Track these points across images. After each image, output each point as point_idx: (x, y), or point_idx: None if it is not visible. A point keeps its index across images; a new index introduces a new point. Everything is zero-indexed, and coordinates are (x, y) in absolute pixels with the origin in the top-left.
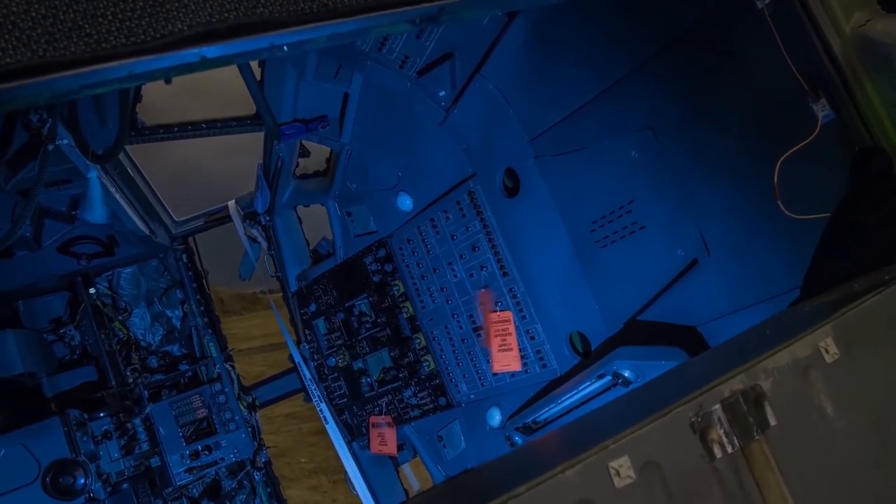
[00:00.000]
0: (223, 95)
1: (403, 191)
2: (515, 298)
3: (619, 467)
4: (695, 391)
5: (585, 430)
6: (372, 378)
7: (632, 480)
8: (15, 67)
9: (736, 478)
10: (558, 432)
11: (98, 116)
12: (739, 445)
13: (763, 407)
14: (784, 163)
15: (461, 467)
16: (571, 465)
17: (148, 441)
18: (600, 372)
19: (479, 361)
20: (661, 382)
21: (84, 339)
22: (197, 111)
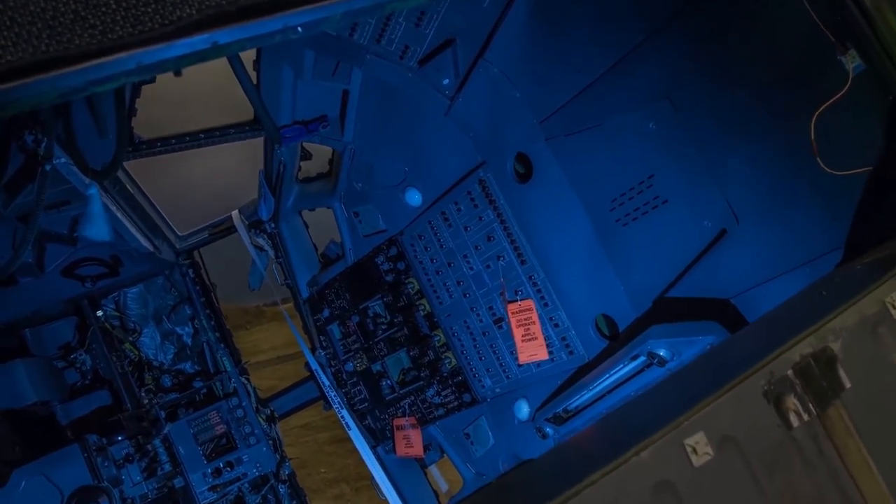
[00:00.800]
0: (219, 104)
1: (411, 186)
2: (536, 286)
3: (695, 444)
4: (763, 359)
5: (649, 410)
6: (392, 380)
7: (710, 457)
8: (17, 65)
9: (815, 446)
10: (617, 414)
11: (97, 126)
12: (816, 412)
13: (836, 369)
14: (818, 119)
15: (492, 464)
16: (645, 447)
17: (169, 462)
18: (633, 353)
19: (502, 354)
20: (720, 354)
21: (95, 363)
22: (193, 124)
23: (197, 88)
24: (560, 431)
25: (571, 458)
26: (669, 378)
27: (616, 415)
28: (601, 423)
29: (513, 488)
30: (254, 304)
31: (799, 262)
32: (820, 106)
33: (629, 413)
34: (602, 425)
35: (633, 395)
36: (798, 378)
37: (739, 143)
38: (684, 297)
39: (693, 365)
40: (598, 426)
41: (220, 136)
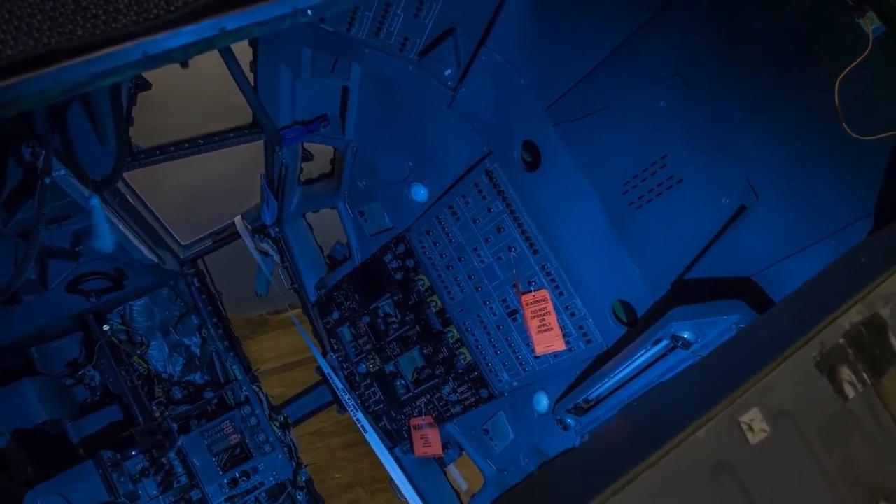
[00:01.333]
0: (217, 110)
1: (416, 181)
2: (549, 276)
3: (750, 422)
4: (813, 328)
5: (695, 390)
6: (406, 379)
7: (767, 434)
8: (18, 59)
9: (872, 417)
10: (658, 396)
11: (97, 133)
12: (870, 381)
13: (887, 336)
14: (841, 84)
15: (513, 459)
16: (700, 426)
17: (185, 474)
18: (656, 337)
19: (518, 347)
20: (763, 328)
21: (104, 379)
22: (191, 131)
23: (193, 95)
24: (582, 422)
25: (620, 442)
26: (712, 356)
27: (657, 397)
28: (641, 407)
29: (566, 475)
30: (257, 314)
31: (823, 234)
32: (839, 73)
33: (673, 394)
34: (643, 408)
35: (656, 380)
36: (850, 347)
37: (755, 115)
38: (704, 277)
39: (736, 341)
40: (639, 409)
41: (220, 141)
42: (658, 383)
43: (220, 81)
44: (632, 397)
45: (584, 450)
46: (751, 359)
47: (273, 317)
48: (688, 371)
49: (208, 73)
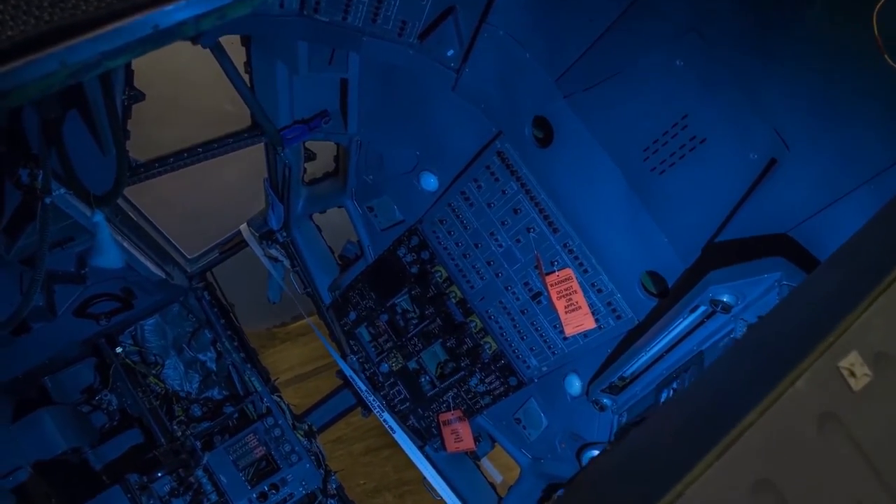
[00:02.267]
0: (212, 118)
1: (425, 170)
2: (572, 253)
3: (850, 367)
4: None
5: (778, 339)
6: (431, 375)
7: (870, 379)
8: (19, 39)
9: None
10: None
11: (98, 143)
12: None
13: None
14: (879, 12)
15: (548, 446)
16: (798, 375)
17: (214, 491)
18: (693, 304)
19: (544, 330)
20: (842, 264)
21: (122, 402)
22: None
23: (187, 103)
24: (618, 401)
25: (708, 405)
26: (789, 302)
27: (733, 358)
28: (721, 367)
29: (658, 442)
30: (264, 328)
31: (861, 179)
32: (873, 2)
33: (751, 347)
34: (723, 369)
35: (695, 349)
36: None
37: (780, 63)
38: (737, 238)
39: (815, 281)
40: (719, 370)
41: (219, 147)
42: (697, 352)
43: (212, 90)
44: (670, 370)
45: (668, 415)
46: (839, 301)
47: (280, 329)
48: (760, 324)
49: (200, 82)
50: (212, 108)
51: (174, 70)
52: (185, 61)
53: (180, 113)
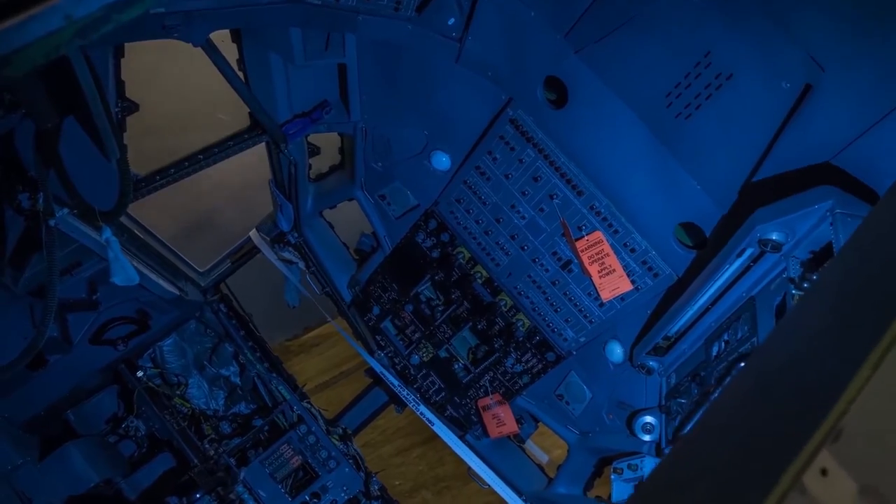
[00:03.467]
0: (207, 124)
1: (436, 149)
2: (600, 215)
3: None
4: None
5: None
6: (464, 361)
7: None
8: None
9: None
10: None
11: (101, 148)
12: None
13: None
14: None
15: (595, 419)
16: None
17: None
18: (739, 248)
19: (578, 299)
20: None
21: (149, 427)
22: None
23: (181, 111)
24: (665, 362)
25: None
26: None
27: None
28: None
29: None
30: (277, 343)
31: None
32: None
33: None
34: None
35: (745, 296)
36: None
37: None
38: (775, 175)
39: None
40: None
41: (220, 151)
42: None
43: (207, 93)
44: (719, 321)
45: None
46: None
47: (293, 342)
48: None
49: (190, 93)
50: (208, 111)
51: (164, 81)
52: (172, 72)
53: (173, 123)
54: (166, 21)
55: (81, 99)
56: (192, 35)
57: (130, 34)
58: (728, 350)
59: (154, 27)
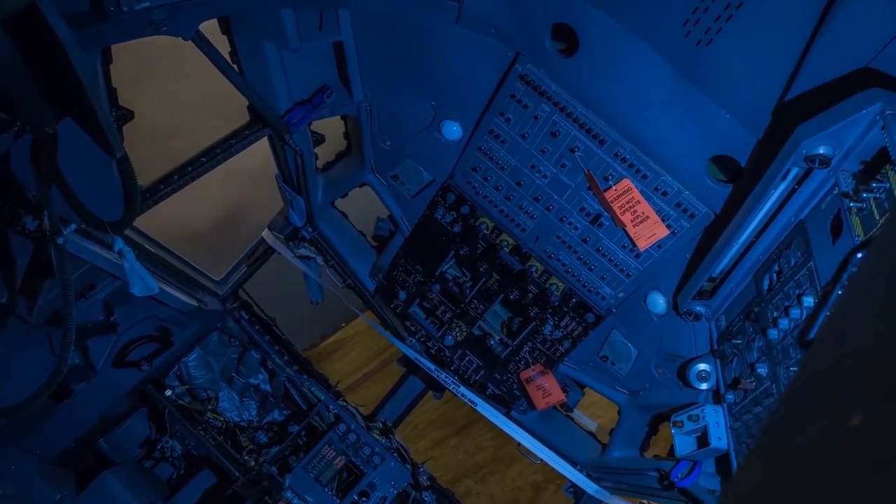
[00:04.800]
0: (202, 129)
1: (445, 119)
2: (626, 162)
3: None
4: None
5: None
6: (499, 335)
7: None
8: None
9: None
10: None
11: (106, 147)
12: None
13: None
14: None
15: (644, 376)
16: None
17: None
18: (784, 169)
19: (613, 253)
20: None
21: (185, 445)
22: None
23: (175, 117)
24: (712, 305)
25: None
26: None
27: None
28: None
29: None
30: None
31: None
32: None
33: None
34: None
35: (793, 220)
36: None
37: None
38: (810, 89)
39: None
40: None
41: (223, 151)
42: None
43: (192, 106)
44: (766, 253)
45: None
46: None
47: (311, 351)
48: None
49: (177, 101)
50: (202, 115)
51: (149, 90)
52: (156, 80)
53: (160, 131)
54: (153, 16)
55: (78, 90)
56: (180, 28)
57: (117, 35)
58: (782, 281)
59: (140, 25)
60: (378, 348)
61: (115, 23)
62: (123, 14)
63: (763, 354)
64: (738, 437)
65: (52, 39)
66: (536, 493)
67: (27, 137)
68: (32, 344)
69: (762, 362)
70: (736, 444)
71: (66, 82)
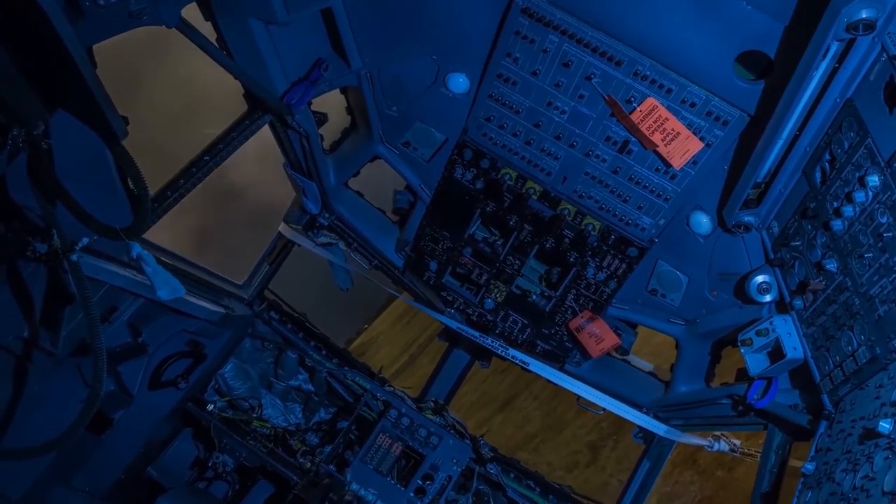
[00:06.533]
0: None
1: (450, 72)
2: (647, 79)
3: None
4: None
5: None
6: (540, 287)
7: None
8: None
9: None
10: None
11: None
12: None
13: None
14: None
15: (698, 302)
16: None
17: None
18: (825, 46)
19: (646, 179)
20: None
21: (237, 458)
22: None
23: (169, 120)
24: (761, 212)
25: None
26: None
27: None
28: None
29: None
30: None
31: None
32: None
33: None
34: None
35: (839, 100)
36: None
37: None
38: None
39: None
40: None
41: (226, 147)
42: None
43: (189, 98)
44: (814, 143)
45: None
46: None
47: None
48: None
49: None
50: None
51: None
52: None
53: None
54: (131, 7)
55: (71, 70)
56: (162, 16)
57: (99, 32)
58: (837, 168)
59: (120, 18)
60: (405, 343)
61: (94, 19)
62: (100, 8)
63: (829, 249)
64: (814, 343)
65: (38, 19)
66: (594, 453)
67: (21, 158)
68: (63, 377)
69: (829, 258)
70: (813, 350)
71: (54, 66)
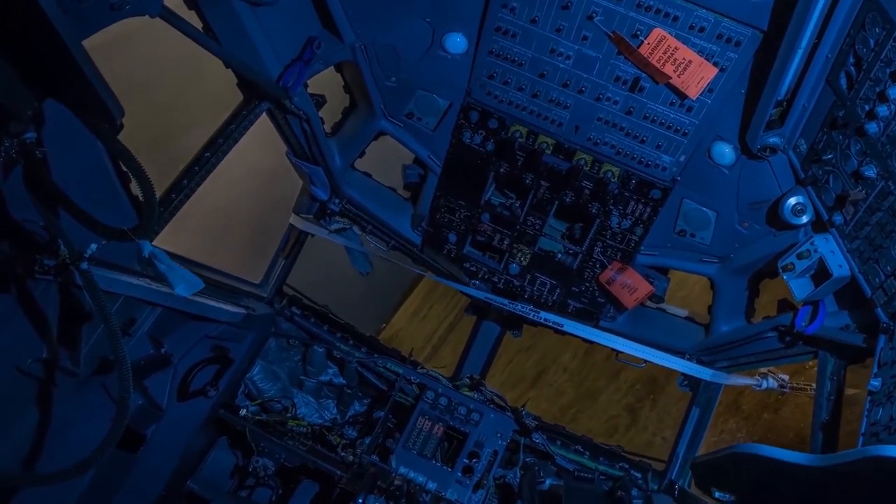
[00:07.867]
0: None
1: (446, 32)
2: (651, 9)
3: None
4: None
5: None
6: (564, 244)
7: None
8: None
9: None
10: None
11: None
12: None
13: None
14: None
15: (731, 236)
16: None
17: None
18: None
19: (662, 116)
20: None
21: (277, 461)
22: None
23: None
24: (786, 132)
25: None
26: None
27: None
28: None
29: None
30: None
31: None
32: None
33: None
34: None
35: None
36: None
37: None
38: None
39: None
40: None
41: (226, 140)
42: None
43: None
44: (836, 48)
45: None
46: None
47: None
48: None
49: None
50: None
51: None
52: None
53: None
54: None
55: (62, 53)
56: (144, 6)
57: (81, 30)
58: (864, 69)
59: (101, 12)
60: (425, 336)
61: (74, 15)
62: (79, 4)
63: (865, 156)
64: (861, 257)
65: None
66: (633, 415)
67: (17, 170)
68: (88, 397)
69: (867, 164)
70: (861, 265)
71: (43, 53)
